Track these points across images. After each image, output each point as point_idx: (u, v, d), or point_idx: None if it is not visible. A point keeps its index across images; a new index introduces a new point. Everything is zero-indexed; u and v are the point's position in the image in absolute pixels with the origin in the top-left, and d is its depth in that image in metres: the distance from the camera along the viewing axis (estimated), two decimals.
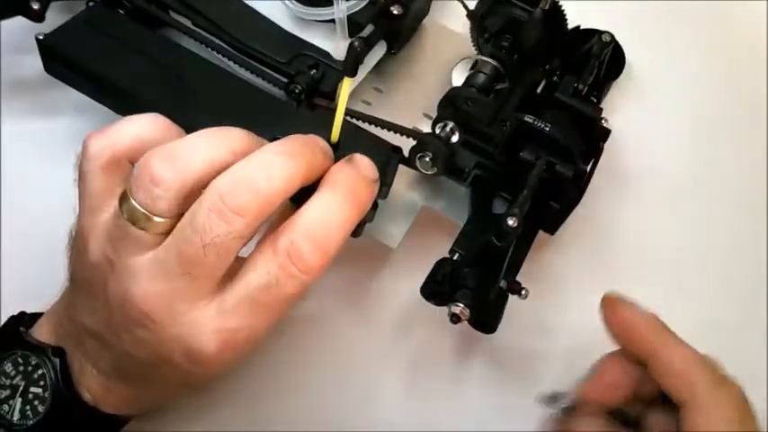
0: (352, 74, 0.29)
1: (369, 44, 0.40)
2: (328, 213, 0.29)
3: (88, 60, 0.36)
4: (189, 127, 0.30)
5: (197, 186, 0.28)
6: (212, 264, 0.27)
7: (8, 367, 0.32)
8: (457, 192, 0.40)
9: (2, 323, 0.34)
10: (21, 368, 0.32)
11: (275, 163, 0.28)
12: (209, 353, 0.28)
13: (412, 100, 0.42)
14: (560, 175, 0.36)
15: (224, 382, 0.37)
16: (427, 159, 0.35)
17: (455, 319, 0.33)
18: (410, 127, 0.40)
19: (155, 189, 0.27)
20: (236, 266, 0.29)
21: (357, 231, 0.32)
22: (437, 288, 0.34)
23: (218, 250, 0.27)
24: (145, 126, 0.30)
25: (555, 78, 0.43)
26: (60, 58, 0.36)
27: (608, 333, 0.32)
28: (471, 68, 0.40)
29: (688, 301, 0.41)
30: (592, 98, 0.44)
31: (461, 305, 0.33)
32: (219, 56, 0.38)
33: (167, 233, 0.28)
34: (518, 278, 0.36)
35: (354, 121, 0.36)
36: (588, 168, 0.39)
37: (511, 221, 0.33)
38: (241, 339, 0.28)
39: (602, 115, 0.43)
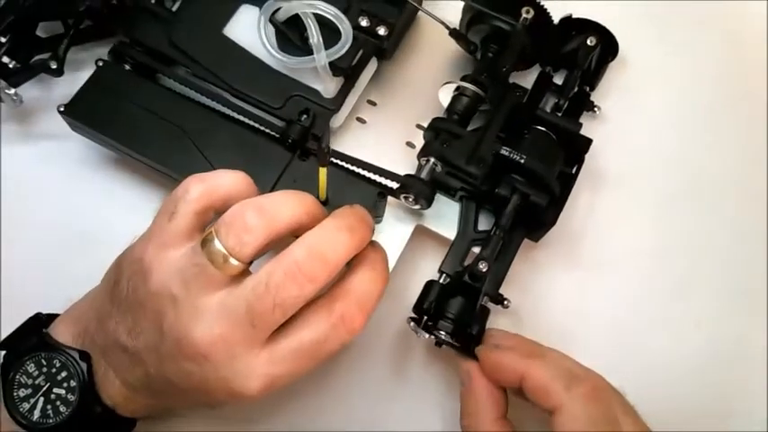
0: (325, 164, 0.33)
1: (359, 68, 0.42)
2: (373, 287, 0.34)
3: (104, 123, 0.40)
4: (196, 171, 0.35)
5: (276, 239, 0.32)
6: (276, 319, 0.31)
7: (30, 367, 0.34)
8: (450, 206, 0.42)
9: None
10: (44, 369, 0.34)
11: (340, 238, 0.32)
12: (251, 394, 0.32)
13: (405, 111, 0.44)
14: (535, 205, 0.38)
15: None
16: (411, 199, 0.39)
17: (438, 344, 0.38)
18: (404, 141, 0.44)
19: (245, 236, 0.31)
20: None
21: None
22: (426, 321, 0.38)
23: (285, 309, 0.31)
24: (236, 181, 0.34)
25: (548, 69, 0.45)
26: (81, 123, 0.41)
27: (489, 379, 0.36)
28: (456, 90, 0.41)
29: (685, 301, 0.43)
30: (585, 87, 0.45)
31: (444, 333, 0.38)
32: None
33: (236, 277, 0.32)
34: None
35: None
36: (573, 171, 0.42)
37: (481, 266, 0.37)
38: (281, 383, 0.32)
39: (595, 104, 0.45)
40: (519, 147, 0.39)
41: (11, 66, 0.41)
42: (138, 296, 0.32)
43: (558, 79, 0.44)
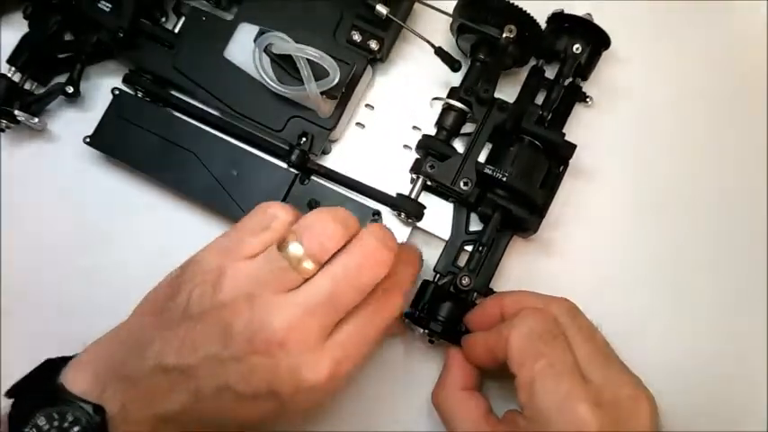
0: None
1: (353, 86, 0.44)
2: (409, 272, 0.39)
3: (124, 152, 0.45)
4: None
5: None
6: (352, 302, 0.34)
7: (41, 421, 0.33)
8: (444, 207, 0.45)
9: None
10: (55, 423, 0.32)
11: (390, 233, 0.36)
12: (318, 379, 0.33)
13: (401, 113, 0.46)
14: (517, 218, 0.42)
15: None
16: (402, 217, 0.43)
17: (431, 341, 0.44)
18: (402, 144, 0.47)
19: (327, 242, 0.34)
20: None
21: None
22: (419, 315, 0.43)
23: (362, 291, 0.34)
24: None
25: (540, 63, 0.46)
26: (104, 153, 0.45)
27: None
28: (444, 104, 0.43)
29: (683, 300, 0.44)
30: (577, 80, 0.46)
31: (435, 332, 0.43)
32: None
33: (307, 279, 0.34)
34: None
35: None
36: (559, 170, 0.44)
37: (465, 281, 0.41)
38: (344, 370, 0.34)
39: (588, 95, 0.46)
40: (503, 161, 0.42)
41: (33, 91, 0.46)
42: (203, 305, 0.34)
43: (551, 72, 0.45)
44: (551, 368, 0.34)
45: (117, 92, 0.45)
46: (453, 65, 0.43)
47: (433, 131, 0.44)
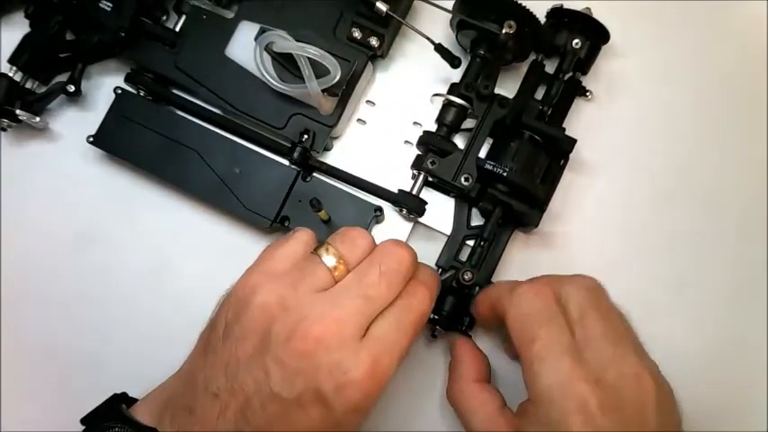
0: (321, 210, 0.38)
1: (353, 82, 0.44)
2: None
3: (127, 151, 0.45)
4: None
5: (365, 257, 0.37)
6: (381, 293, 0.35)
7: None
8: (446, 202, 0.46)
9: None
10: None
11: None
12: (358, 376, 0.33)
13: (402, 109, 0.46)
14: (518, 213, 0.42)
15: None
16: (404, 213, 0.43)
17: (433, 337, 0.44)
18: (403, 139, 0.47)
19: (356, 247, 0.37)
20: None
21: None
22: None
23: (390, 280, 0.35)
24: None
25: (540, 57, 0.46)
26: (108, 153, 0.45)
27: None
28: (444, 100, 0.44)
29: (683, 299, 0.45)
30: (577, 74, 0.46)
31: (438, 327, 0.43)
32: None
33: (338, 281, 0.36)
34: None
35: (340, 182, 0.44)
36: (560, 165, 0.44)
37: (467, 276, 0.41)
38: (383, 367, 0.34)
39: (587, 89, 0.46)
40: (504, 156, 0.42)
41: (35, 90, 0.46)
42: (240, 322, 0.35)
43: (551, 67, 0.45)
44: (546, 350, 0.35)
45: (119, 91, 0.45)
46: (453, 61, 0.43)
47: (433, 127, 0.45)
